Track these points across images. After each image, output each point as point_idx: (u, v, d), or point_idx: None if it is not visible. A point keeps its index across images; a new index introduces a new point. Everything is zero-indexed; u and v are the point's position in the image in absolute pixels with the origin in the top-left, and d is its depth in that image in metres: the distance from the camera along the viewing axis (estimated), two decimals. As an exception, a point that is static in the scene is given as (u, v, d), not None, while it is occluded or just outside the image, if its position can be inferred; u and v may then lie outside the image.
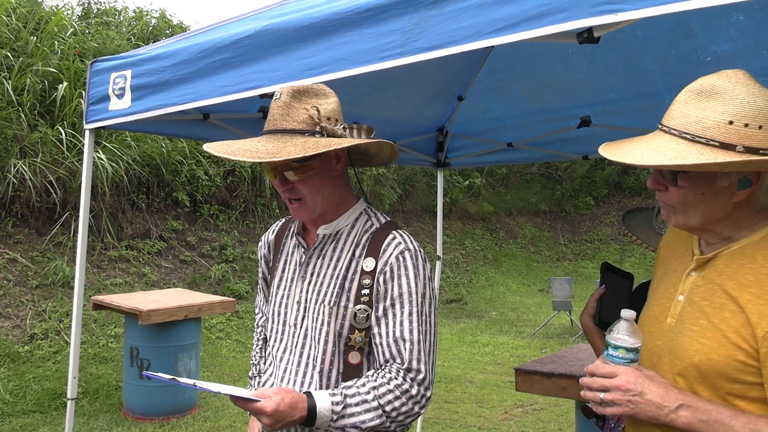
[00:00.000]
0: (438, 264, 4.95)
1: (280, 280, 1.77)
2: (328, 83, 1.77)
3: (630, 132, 3.52)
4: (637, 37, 2.67)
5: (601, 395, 1.27)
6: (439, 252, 4.92)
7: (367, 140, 1.60)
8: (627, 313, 1.29)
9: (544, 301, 12.13)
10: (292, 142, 1.52)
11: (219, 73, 2.01)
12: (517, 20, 1.39)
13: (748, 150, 1.18)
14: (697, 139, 1.21)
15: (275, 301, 1.76)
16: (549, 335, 9.42)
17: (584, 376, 1.35)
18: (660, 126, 1.29)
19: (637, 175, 17.43)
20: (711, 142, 1.19)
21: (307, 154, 1.47)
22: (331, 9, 1.73)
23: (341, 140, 1.55)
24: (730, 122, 1.19)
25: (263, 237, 1.92)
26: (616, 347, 1.28)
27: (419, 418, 4.77)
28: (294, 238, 1.78)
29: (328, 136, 1.57)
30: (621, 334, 1.28)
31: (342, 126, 1.60)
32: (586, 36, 1.35)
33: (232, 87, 1.98)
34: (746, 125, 1.18)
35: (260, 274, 1.93)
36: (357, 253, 1.65)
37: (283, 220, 1.91)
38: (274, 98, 1.61)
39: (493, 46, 1.46)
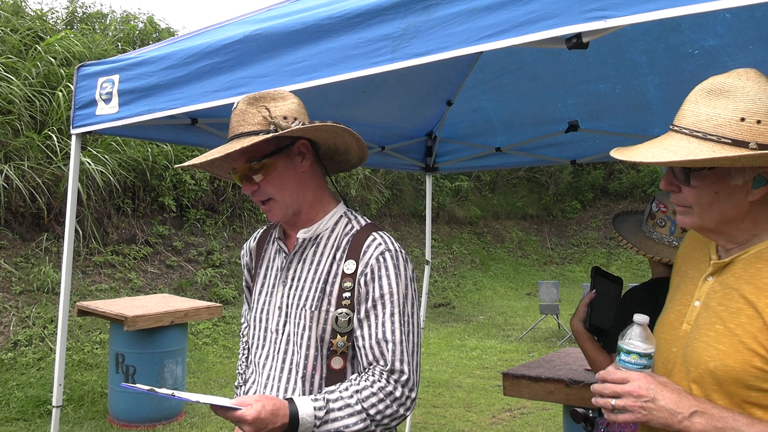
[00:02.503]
0: (427, 268, 4.95)
1: (262, 285, 1.76)
2: (317, 88, 1.77)
3: (616, 137, 3.56)
4: (626, 31, 2.70)
5: (613, 401, 1.23)
6: (428, 256, 4.92)
7: (312, 125, 1.59)
8: (640, 317, 1.26)
9: (531, 304, 12.18)
10: (243, 142, 1.55)
11: (209, 77, 2.01)
12: (507, 27, 1.39)
13: (762, 147, 1.16)
14: (708, 136, 1.19)
15: (257, 308, 1.75)
16: (536, 339, 9.45)
17: (574, 382, 1.34)
18: (671, 126, 1.26)
19: (621, 179, 17.59)
20: (723, 140, 1.17)
21: (245, 145, 1.51)
22: (321, 14, 1.73)
23: (292, 130, 1.56)
24: (742, 119, 1.17)
25: (245, 245, 1.91)
26: (629, 352, 1.25)
27: (407, 423, 4.76)
28: (275, 243, 1.77)
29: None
30: (634, 340, 1.25)
31: (301, 123, 1.60)
32: (575, 41, 1.36)
33: (221, 92, 1.97)
34: (758, 122, 1.17)
35: (244, 283, 1.92)
36: (338, 256, 1.64)
37: (265, 227, 1.90)
38: (232, 109, 1.64)
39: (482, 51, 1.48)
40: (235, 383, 1.96)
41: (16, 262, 7.12)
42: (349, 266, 1.61)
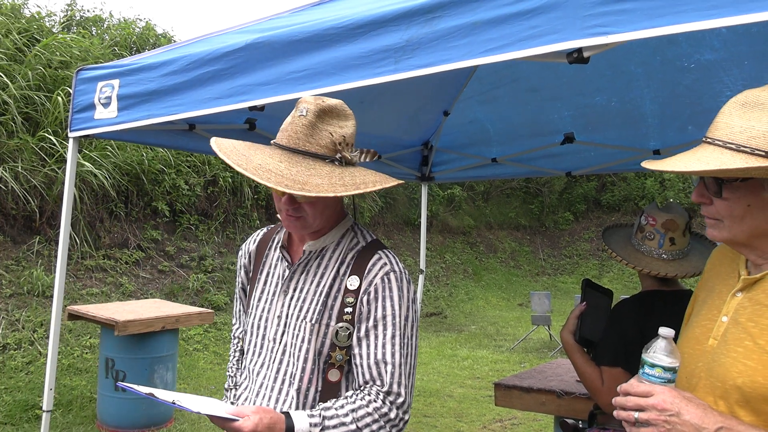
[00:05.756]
0: (421, 278, 4.96)
1: (262, 293, 1.75)
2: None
3: (612, 149, 3.59)
4: (623, 44, 2.73)
5: (636, 414, 1.21)
6: (422, 266, 4.93)
7: (389, 184, 1.59)
8: (665, 331, 1.24)
9: (523, 315, 12.18)
10: (318, 173, 1.49)
11: (209, 84, 2.01)
12: (510, 41, 1.41)
13: None
14: (742, 148, 1.18)
15: (255, 314, 1.74)
16: (528, 349, 9.46)
17: (565, 393, 1.33)
18: (704, 138, 1.25)
19: (613, 191, 17.69)
20: (756, 152, 1.16)
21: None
22: (324, 24, 1.75)
23: (367, 184, 1.54)
24: None
25: (244, 246, 1.89)
26: (653, 365, 1.22)
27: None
28: (278, 251, 1.76)
29: (346, 163, 1.56)
30: (658, 353, 1.23)
31: (355, 152, 1.60)
32: (576, 56, 1.38)
33: (222, 99, 1.98)
34: None
35: (239, 284, 1.90)
36: (341, 271, 1.64)
37: (266, 230, 1.88)
38: (298, 113, 1.55)
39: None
40: (225, 385, 1.95)
41: (6, 264, 7.07)
42: (353, 282, 1.61)
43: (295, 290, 1.68)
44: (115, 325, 4.79)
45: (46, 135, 7.52)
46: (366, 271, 1.61)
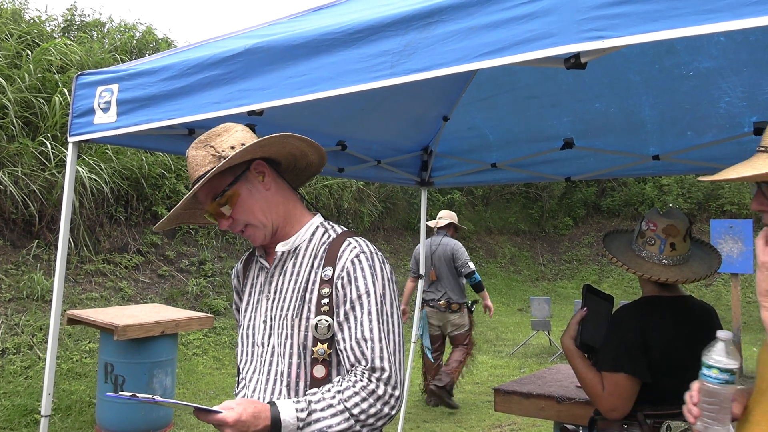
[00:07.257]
0: (421, 282, 4.96)
1: (248, 303, 1.80)
2: (317, 102, 1.79)
3: (611, 155, 3.59)
4: (621, 52, 2.74)
5: None
6: (422, 270, 4.93)
7: (254, 142, 1.63)
8: (723, 333, 1.29)
9: (523, 320, 12.16)
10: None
11: (209, 89, 2.02)
12: (505, 45, 1.41)
13: None
14: None
15: (244, 324, 1.79)
16: (527, 355, 9.43)
17: (565, 398, 1.30)
18: (758, 148, 1.25)
19: (613, 196, 17.68)
20: None
21: (199, 173, 1.62)
22: (322, 29, 1.75)
23: (230, 157, 1.62)
24: None
25: (234, 268, 1.96)
26: (710, 367, 1.27)
27: (398, 438, 4.73)
28: (258, 262, 1.81)
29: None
30: (715, 355, 1.28)
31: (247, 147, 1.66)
32: (573, 61, 1.38)
33: (221, 104, 1.98)
34: None
35: (234, 305, 1.95)
36: (316, 264, 1.67)
37: (251, 250, 1.93)
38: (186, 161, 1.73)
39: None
40: None
41: (6, 269, 7.07)
42: (327, 273, 1.64)
43: (275, 292, 1.71)
44: (114, 329, 4.78)
45: (46, 139, 7.53)
46: (337, 259, 1.64)
